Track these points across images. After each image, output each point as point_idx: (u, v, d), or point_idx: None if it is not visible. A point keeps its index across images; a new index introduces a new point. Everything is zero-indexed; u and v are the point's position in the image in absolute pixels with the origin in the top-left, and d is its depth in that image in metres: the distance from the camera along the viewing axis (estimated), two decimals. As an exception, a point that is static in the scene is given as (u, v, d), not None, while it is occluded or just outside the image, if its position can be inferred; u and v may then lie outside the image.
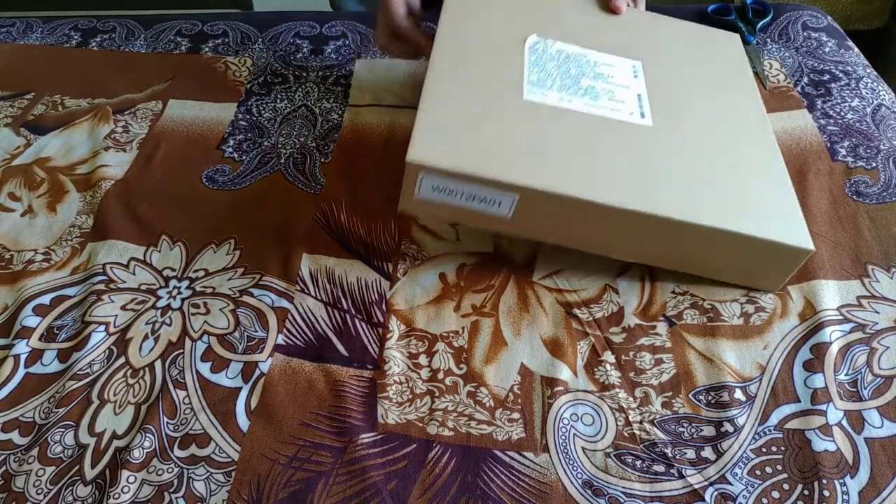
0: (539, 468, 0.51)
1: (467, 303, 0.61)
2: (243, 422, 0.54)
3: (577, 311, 0.60)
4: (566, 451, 0.52)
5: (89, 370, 0.58)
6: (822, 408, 0.52)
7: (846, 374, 0.54)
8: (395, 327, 0.60)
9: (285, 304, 0.62)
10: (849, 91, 0.79)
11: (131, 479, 0.51)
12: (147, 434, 0.53)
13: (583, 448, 0.52)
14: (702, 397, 0.54)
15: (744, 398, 0.53)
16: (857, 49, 0.87)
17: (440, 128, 0.57)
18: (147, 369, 0.58)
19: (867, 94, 0.78)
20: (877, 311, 0.58)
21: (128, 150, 0.78)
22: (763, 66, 0.83)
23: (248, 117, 0.82)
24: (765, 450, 0.51)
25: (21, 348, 0.59)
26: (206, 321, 0.61)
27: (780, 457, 0.50)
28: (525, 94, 0.61)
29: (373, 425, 0.54)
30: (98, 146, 0.79)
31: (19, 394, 0.57)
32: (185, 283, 0.64)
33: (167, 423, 0.54)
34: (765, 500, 0.48)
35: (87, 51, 0.94)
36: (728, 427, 0.52)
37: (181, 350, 0.59)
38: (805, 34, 0.88)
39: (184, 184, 0.74)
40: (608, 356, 0.57)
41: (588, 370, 0.56)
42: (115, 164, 0.76)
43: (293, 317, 0.61)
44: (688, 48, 0.73)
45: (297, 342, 0.59)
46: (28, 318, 0.61)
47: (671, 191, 0.56)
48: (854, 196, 0.67)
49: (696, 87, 0.68)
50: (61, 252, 0.68)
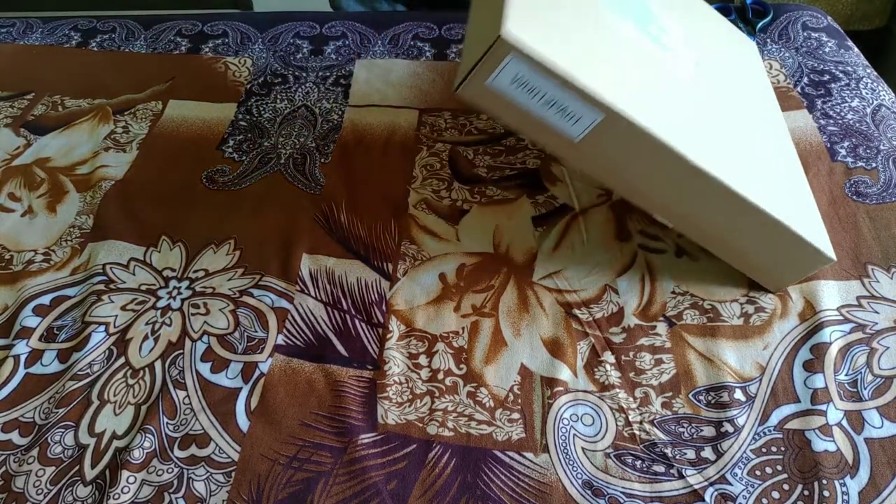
0: (539, 468, 0.51)
1: (467, 303, 0.61)
2: (243, 422, 0.54)
3: (577, 311, 0.60)
4: (566, 451, 0.52)
5: (89, 370, 0.58)
6: (822, 408, 0.52)
7: (846, 375, 0.54)
8: (395, 327, 0.60)
9: (285, 304, 0.62)
10: (849, 91, 0.79)
11: (131, 479, 0.51)
12: (147, 434, 0.53)
13: (583, 448, 0.52)
14: (702, 397, 0.54)
15: (744, 398, 0.53)
16: (857, 49, 0.87)
17: (535, 15, 0.50)
18: (147, 369, 0.58)
19: (867, 94, 0.78)
20: (877, 312, 0.58)
21: (128, 150, 0.78)
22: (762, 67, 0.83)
23: (248, 117, 0.82)
24: (765, 450, 0.51)
25: (21, 348, 0.59)
26: (206, 321, 0.61)
27: (780, 457, 0.50)
28: (606, 14, 0.57)
29: (373, 425, 0.54)
30: (98, 146, 0.79)
31: (19, 394, 0.57)
32: (185, 283, 0.64)
33: (167, 423, 0.54)
34: (765, 501, 0.48)
35: (88, 51, 0.94)
36: (728, 427, 0.52)
37: (181, 350, 0.59)
38: (805, 34, 0.88)
39: (184, 184, 0.74)
40: (608, 356, 0.57)
41: (588, 370, 0.56)
42: (116, 165, 0.76)
43: (293, 317, 0.61)
44: (720, 32, 0.74)
45: (297, 342, 0.59)
46: (28, 319, 0.61)
47: (734, 165, 0.55)
48: (854, 196, 0.67)
49: (734, 77, 0.68)
50: (61, 252, 0.68)
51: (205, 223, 0.69)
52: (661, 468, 0.50)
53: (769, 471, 0.50)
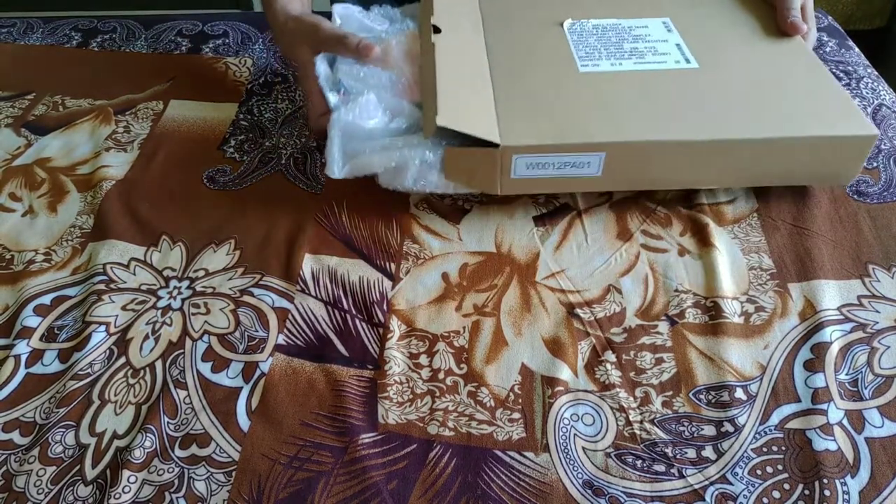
0: (539, 468, 0.51)
1: (469, 302, 0.61)
2: (244, 422, 0.54)
3: (579, 311, 0.60)
4: (566, 450, 0.52)
5: (90, 370, 0.58)
6: (823, 407, 0.52)
7: (847, 374, 0.54)
8: (396, 327, 0.60)
9: (286, 303, 0.62)
10: (849, 91, 0.79)
11: (132, 478, 0.51)
12: (148, 434, 0.53)
13: (583, 448, 0.52)
14: (702, 396, 0.54)
15: (744, 398, 0.53)
16: (857, 49, 0.87)
17: (517, 111, 0.63)
18: (148, 369, 0.58)
19: (868, 93, 0.78)
20: (877, 311, 0.58)
21: (129, 150, 0.78)
22: None
23: (248, 117, 0.82)
24: (765, 449, 0.51)
25: (21, 348, 0.59)
26: (206, 321, 0.61)
27: (781, 456, 0.50)
28: (580, 68, 0.68)
29: (373, 425, 0.54)
30: (99, 146, 0.79)
31: (20, 394, 0.57)
32: (186, 283, 0.64)
33: (168, 422, 0.54)
34: (765, 500, 0.48)
35: (88, 51, 0.94)
36: (728, 427, 0.52)
37: (182, 350, 0.59)
38: (805, 34, 0.88)
39: (184, 184, 0.74)
40: (609, 356, 0.57)
41: (589, 370, 0.56)
42: (116, 165, 0.76)
43: (294, 317, 0.61)
44: None
45: (298, 342, 0.59)
46: (28, 319, 0.61)
47: (735, 115, 0.62)
48: (855, 196, 0.67)
49: (725, 27, 0.73)
50: (62, 252, 0.68)
51: (205, 223, 0.69)
52: (661, 467, 0.50)
53: (770, 470, 0.50)
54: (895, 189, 0.67)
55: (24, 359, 0.59)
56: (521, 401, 0.55)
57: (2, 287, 0.65)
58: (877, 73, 0.82)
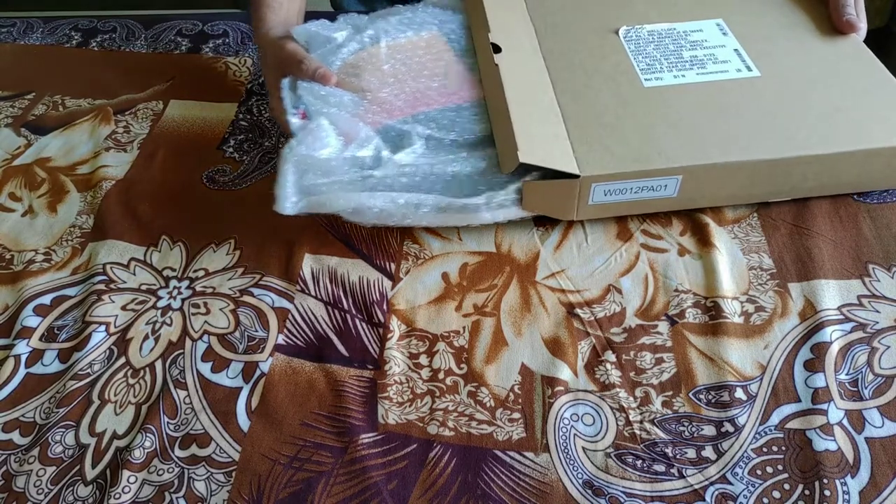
0: (539, 468, 0.51)
1: (469, 302, 0.61)
2: (244, 422, 0.54)
3: (579, 311, 0.60)
4: (566, 450, 0.52)
5: (90, 370, 0.58)
6: (823, 407, 0.52)
7: (847, 374, 0.54)
8: (396, 327, 0.60)
9: (286, 303, 0.62)
10: None
11: (132, 478, 0.51)
12: (148, 434, 0.53)
13: (583, 448, 0.52)
14: (702, 396, 0.54)
15: (744, 397, 0.53)
16: (857, 48, 0.86)
17: (590, 135, 0.62)
18: (147, 369, 0.58)
19: (868, 93, 0.78)
20: (877, 311, 0.58)
21: (128, 150, 0.78)
22: None
23: (248, 117, 0.82)
24: (765, 449, 0.51)
25: (21, 348, 0.59)
26: (206, 321, 0.61)
27: (781, 456, 0.50)
28: (644, 83, 0.67)
29: (373, 425, 0.54)
30: (99, 146, 0.79)
31: (20, 394, 0.57)
32: (186, 283, 0.64)
33: (168, 422, 0.54)
34: (765, 500, 0.48)
35: (88, 51, 0.94)
36: (728, 427, 0.52)
37: (182, 350, 0.59)
38: (806, 34, 0.88)
39: (184, 184, 0.74)
40: (609, 356, 0.57)
41: (588, 370, 0.56)
42: (116, 165, 0.76)
43: (293, 317, 0.61)
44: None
45: (298, 342, 0.59)
46: (28, 319, 0.61)
47: (806, 128, 0.62)
48: (855, 196, 0.67)
49: (780, 27, 0.73)
50: (62, 252, 0.68)
51: (205, 223, 0.69)
52: (661, 467, 0.50)
53: (770, 470, 0.50)
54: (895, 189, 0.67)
55: (24, 359, 0.59)
56: (521, 401, 0.55)
57: (2, 287, 0.65)
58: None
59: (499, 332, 0.59)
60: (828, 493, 0.48)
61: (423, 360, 0.58)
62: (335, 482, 0.51)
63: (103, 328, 0.60)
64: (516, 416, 0.54)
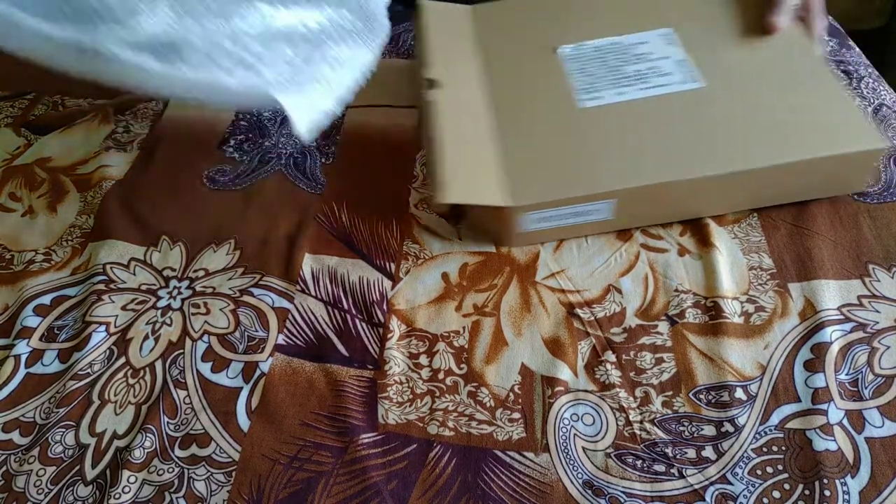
0: (539, 468, 0.51)
1: (469, 302, 0.61)
2: (244, 422, 0.54)
3: (578, 310, 0.60)
4: (566, 451, 0.52)
5: (90, 370, 0.58)
6: (823, 407, 0.52)
7: (847, 374, 0.54)
8: (396, 327, 0.60)
9: (286, 303, 0.62)
10: (850, 91, 0.79)
11: (132, 478, 0.51)
12: (148, 434, 0.53)
13: (583, 448, 0.52)
14: (702, 396, 0.54)
15: (744, 398, 0.53)
16: (857, 49, 0.86)
17: (521, 164, 0.61)
18: (147, 369, 0.58)
19: (868, 93, 0.78)
20: (877, 311, 0.58)
21: (128, 150, 0.78)
22: None
23: (248, 117, 0.82)
24: (766, 449, 0.51)
25: (21, 348, 0.59)
26: (206, 321, 0.61)
27: (781, 457, 0.50)
28: (580, 104, 0.66)
29: (373, 425, 0.54)
30: (99, 146, 0.79)
31: (20, 394, 0.57)
32: (186, 283, 0.64)
33: (168, 422, 0.54)
34: (765, 500, 0.48)
35: (88, 51, 0.94)
36: (729, 427, 0.52)
37: (181, 350, 0.59)
38: (806, 34, 0.88)
39: (184, 184, 0.74)
40: (609, 356, 0.57)
41: (589, 370, 0.56)
42: (116, 165, 0.76)
43: (293, 317, 0.61)
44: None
45: (298, 342, 0.59)
46: (28, 319, 0.61)
47: (747, 142, 0.61)
48: (855, 196, 0.67)
49: (730, 33, 0.71)
50: (62, 252, 0.68)
51: (205, 223, 0.69)
52: (661, 467, 0.50)
53: (770, 470, 0.50)
54: (895, 189, 0.67)
55: (23, 359, 0.59)
56: (521, 401, 0.55)
57: (2, 287, 0.65)
58: (877, 73, 0.82)
59: (499, 332, 0.59)
60: (828, 493, 0.48)
61: (423, 360, 0.58)
62: (335, 482, 0.51)
63: (103, 328, 0.60)
64: (516, 416, 0.54)
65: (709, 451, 0.51)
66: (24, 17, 0.44)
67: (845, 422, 0.51)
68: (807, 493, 0.48)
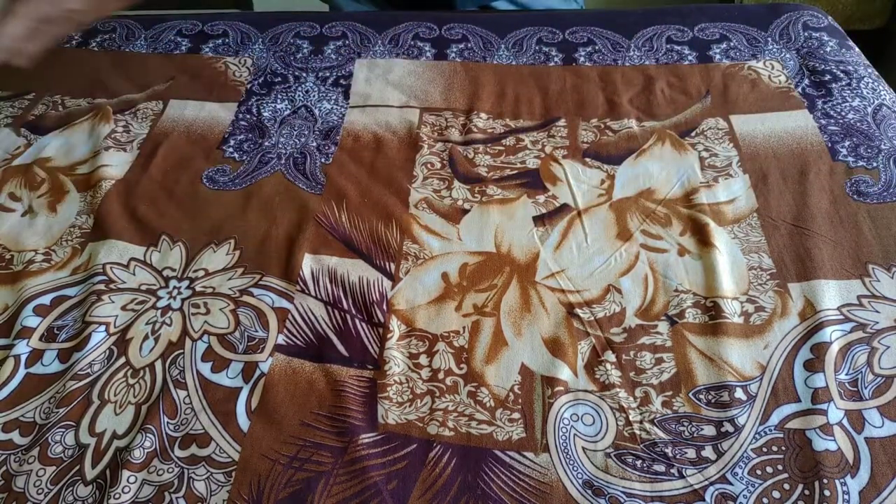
0: (539, 468, 0.51)
1: (469, 302, 0.61)
2: (244, 422, 0.54)
3: (578, 310, 0.60)
4: (566, 451, 0.52)
5: (90, 370, 0.58)
6: (823, 407, 0.52)
7: (847, 374, 0.54)
8: (396, 327, 0.60)
9: (285, 303, 0.62)
10: (850, 91, 0.79)
11: (132, 479, 0.51)
12: (147, 434, 0.53)
13: (583, 448, 0.52)
14: (702, 396, 0.54)
15: (744, 398, 0.53)
16: (857, 49, 0.87)
17: None
18: (147, 369, 0.58)
19: (868, 93, 0.78)
20: (877, 311, 0.58)
21: (128, 150, 0.78)
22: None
23: (248, 117, 0.82)
24: (765, 449, 0.51)
25: (21, 348, 0.59)
26: (206, 321, 0.61)
27: (781, 457, 0.50)
28: None
29: (373, 425, 0.54)
30: (98, 146, 0.78)
31: (20, 394, 0.57)
32: (185, 283, 0.64)
33: (168, 423, 0.54)
34: (765, 500, 0.48)
35: (88, 51, 0.94)
36: (728, 427, 0.52)
37: (181, 350, 0.59)
38: (806, 34, 0.88)
39: (184, 184, 0.74)
40: (609, 356, 0.57)
41: (588, 370, 0.56)
42: (116, 164, 0.76)
43: (293, 317, 0.61)
44: None
45: (298, 342, 0.59)
46: (28, 319, 0.61)
47: None
48: (855, 196, 0.67)
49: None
50: (62, 252, 0.68)
51: (205, 223, 0.69)
52: (661, 468, 0.50)
53: (770, 470, 0.50)
54: (895, 189, 0.67)
55: (23, 359, 0.59)
56: (520, 401, 0.55)
57: (1, 287, 0.65)
58: (877, 73, 0.82)
59: (499, 332, 0.59)
60: (828, 493, 0.48)
61: (423, 360, 0.58)
62: (335, 482, 0.51)
63: (103, 328, 0.60)
64: (516, 416, 0.54)
65: (708, 451, 0.51)
66: None
67: (845, 422, 0.51)
68: (807, 493, 0.48)
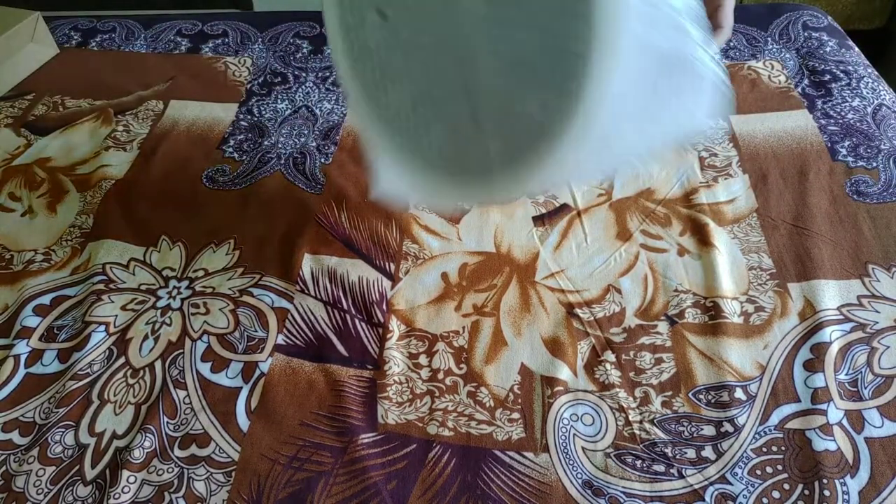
0: (539, 468, 0.51)
1: (469, 302, 0.61)
2: (243, 422, 0.54)
3: (578, 311, 0.60)
4: (566, 451, 0.52)
5: (89, 370, 0.58)
6: (823, 407, 0.52)
7: (846, 374, 0.54)
8: (396, 327, 0.60)
9: (285, 303, 0.62)
10: (849, 91, 0.79)
11: (131, 479, 0.51)
12: (147, 434, 0.53)
13: (583, 448, 0.52)
14: (702, 396, 0.54)
15: (744, 398, 0.53)
16: (857, 49, 0.87)
17: None
18: (147, 369, 0.58)
19: (868, 93, 0.78)
20: (877, 311, 0.58)
21: (128, 149, 0.78)
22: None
23: (248, 117, 0.82)
24: (765, 449, 0.51)
25: (21, 348, 0.59)
26: (205, 321, 0.61)
27: (781, 457, 0.50)
28: None
29: (373, 425, 0.54)
30: (99, 146, 0.79)
31: (19, 394, 0.57)
32: (185, 283, 0.64)
33: (167, 423, 0.54)
34: (765, 500, 0.48)
35: (88, 51, 0.94)
36: (728, 427, 0.52)
37: (181, 350, 0.59)
38: (805, 34, 0.88)
39: (184, 184, 0.74)
40: (608, 356, 0.57)
41: (588, 370, 0.56)
42: (116, 164, 0.76)
43: (293, 317, 0.61)
44: None
45: (297, 342, 0.59)
46: (28, 318, 0.61)
47: None
48: (854, 196, 0.67)
49: None
50: (61, 252, 0.68)
51: (205, 223, 0.69)
52: (661, 467, 0.50)
53: (770, 470, 0.50)
54: (894, 189, 0.67)
55: (23, 359, 0.59)
56: (520, 401, 0.55)
57: (1, 287, 0.65)
58: (877, 73, 0.82)
59: (498, 332, 0.59)
60: (827, 492, 0.48)
61: (423, 360, 0.58)
62: (335, 482, 0.51)
63: (103, 328, 0.60)
64: (516, 416, 0.54)
65: (708, 451, 0.51)
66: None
67: (845, 422, 0.51)
68: (806, 493, 0.48)
